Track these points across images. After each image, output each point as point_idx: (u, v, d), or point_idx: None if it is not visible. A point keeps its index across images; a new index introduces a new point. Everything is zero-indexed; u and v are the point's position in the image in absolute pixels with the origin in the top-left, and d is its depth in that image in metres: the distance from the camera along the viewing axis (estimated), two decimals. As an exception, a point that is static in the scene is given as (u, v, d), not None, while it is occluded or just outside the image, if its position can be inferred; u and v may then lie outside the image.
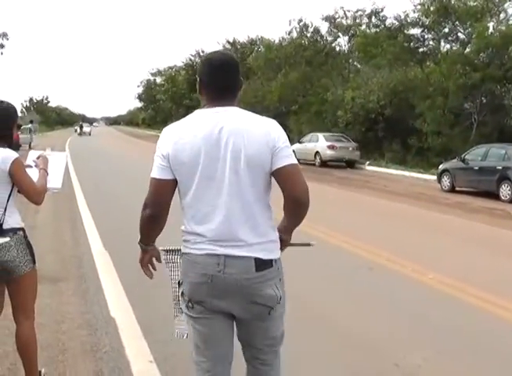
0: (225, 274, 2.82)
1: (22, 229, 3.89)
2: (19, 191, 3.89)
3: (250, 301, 2.88)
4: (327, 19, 41.32)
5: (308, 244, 3.59)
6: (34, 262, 3.94)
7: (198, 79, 3.00)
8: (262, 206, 2.92)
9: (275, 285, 2.92)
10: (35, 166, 4.06)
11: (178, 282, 3.06)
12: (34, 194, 3.86)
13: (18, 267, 3.81)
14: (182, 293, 2.99)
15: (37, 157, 4.15)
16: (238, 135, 2.82)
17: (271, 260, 2.89)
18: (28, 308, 3.99)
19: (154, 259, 3.20)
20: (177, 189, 2.95)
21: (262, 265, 2.85)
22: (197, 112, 2.96)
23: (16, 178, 3.78)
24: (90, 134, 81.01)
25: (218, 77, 2.94)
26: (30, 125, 44.77)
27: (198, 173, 2.84)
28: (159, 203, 2.94)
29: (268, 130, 2.87)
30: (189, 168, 2.85)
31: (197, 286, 2.90)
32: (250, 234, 2.85)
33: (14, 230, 3.82)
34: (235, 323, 3.03)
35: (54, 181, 4.11)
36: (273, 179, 2.91)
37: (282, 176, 2.85)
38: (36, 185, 3.89)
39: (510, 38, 26.70)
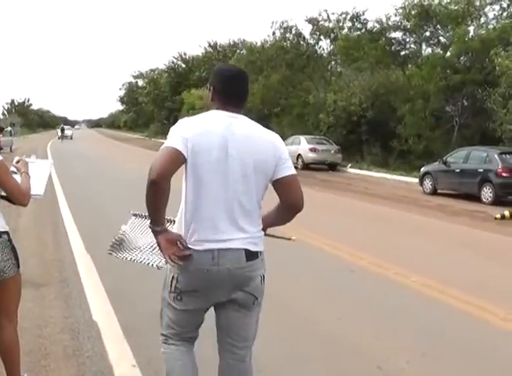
0: (220, 266, 3.06)
1: (6, 232, 3.85)
2: (1, 197, 3.85)
3: (238, 290, 3.16)
4: (311, 21, 41.38)
5: (289, 239, 3.80)
6: (18, 266, 3.91)
7: (211, 88, 3.28)
8: (257, 206, 3.20)
9: (261, 276, 3.22)
10: (16, 170, 4.00)
11: (172, 276, 3.18)
12: (19, 195, 3.81)
13: (2, 271, 3.78)
14: (176, 286, 3.18)
15: (17, 162, 4.09)
16: (249, 140, 3.11)
17: (257, 252, 3.17)
18: (11, 312, 3.96)
19: (179, 244, 3.08)
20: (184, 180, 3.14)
21: (251, 256, 3.12)
22: (213, 112, 3.21)
23: (1, 181, 3.73)
24: (72, 138, 74.15)
25: (230, 85, 3.23)
26: (9, 128, 44.47)
27: (207, 167, 3.04)
28: (166, 171, 2.95)
29: (275, 141, 3.22)
30: (201, 160, 3.03)
31: (193, 277, 3.11)
32: (243, 230, 3.11)
33: None
34: (217, 313, 3.32)
35: (36, 188, 4.06)
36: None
37: (283, 185, 3.18)
38: (21, 186, 3.85)
39: (490, 42, 26.91)
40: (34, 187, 4.00)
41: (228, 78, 3.24)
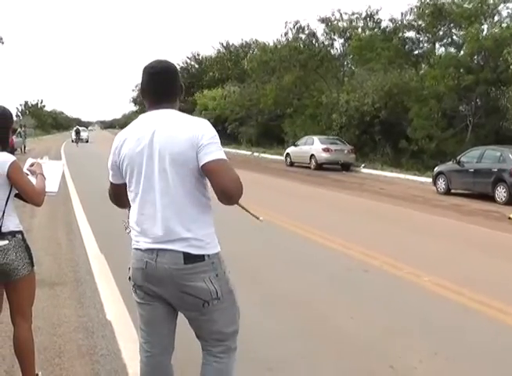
0: (158, 263, 3.05)
1: (20, 232, 3.92)
2: (16, 195, 3.91)
3: (180, 291, 3.08)
4: (324, 21, 41.33)
5: (257, 218, 3.67)
6: (32, 265, 3.97)
7: (140, 87, 3.32)
8: (194, 202, 3.07)
9: (209, 279, 3.07)
10: (31, 173, 4.08)
11: (129, 268, 3.26)
12: (33, 195, 3.89)
13: (16, 270, 3.84)
14: (130, 278, 3.25)
15: (31, 165, 4.18)
16: (165, 135, 3.03)
17: (202, 255, 3.05)
18: (26, 310, 4.01)
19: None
20: None
21: (191, 258, 3.03)
22: (140, 116, 3.24)
23: (15, 181, 3.80)
24: (88, 141, 66.69)
25: (154, 84, 3.19)
26: (19, 129, 44.63)
27: (136, 172, 3.11)
28: (117, 198, 3.40)
29: (194, 129, 3.02)
30: (130, 167, 3.13)
31: (135, 271, 3.18)
32: (179, 229, 3.04)
33: (13, 233, 3.85)
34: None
35: (51, 185, 4.16)
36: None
37: (206, 172, 3.00)
38: (35, 186, 3.92)
39: (503, 41, 26.76)
40: (48, 185, 4.09)
41: (152, 76, 3.21)
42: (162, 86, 3.17)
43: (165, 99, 3.17)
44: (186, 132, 3.00)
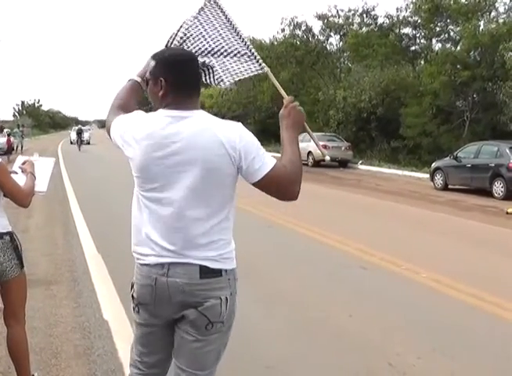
0: (169, 277, 2.70)
1: (9, 233, 3.84)
2: (5, 195, 3.84)
3: (191, 306, 2.71)
4: (320, 17, 41.33)
5: (324, 155, 3.61)
6: (22, 267, 3.91)
7: (161, 80, 2.71)
8: (212, 216, 2.73)
9: (225, 298, 2.75)
10: (22, 172, 4.03)
11: (132, 283, 2.91)
12: (18, 196, 3.79)
13: (5, 272, 3.79)
14: (132, 296, 2.91)
15: (23, 163, 4.12)
16: (192, 145, 2.62)
17: (220, 270, 2.74)
18: (18, 311, 3.98)
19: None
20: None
21: (209, 273, 2.70)
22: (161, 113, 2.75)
23: (1, 183, 3.71)
24: (89, 142, 56.65)
25: (187, 75, 2.74)
26: (16, 129, 44.62)
27: (152, 180, 2.72)
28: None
29: (228, 140, 2.63)
30: (146, 171, 2.73)
31: (142, 288, 2.81)
32: (194, 243, 2.70)
33: (1, 235, 3.78)
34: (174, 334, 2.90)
35: (40, 184, 4.10)
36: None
37: (263, 187, 2.71)
38: (21, 187, 3.82)
39: (499, 37, 26.78)
40: (37, 184, 4.04)
41: (182, 64, 2.74)
42: (193, 78, 2.77)
43: (196, 94, 2.76)
44: (220, 144, 2.61)
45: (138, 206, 2.80)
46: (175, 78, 2.70)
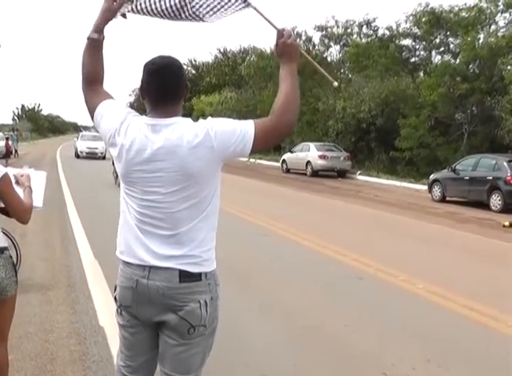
0: (150, 280, 2.73)
1: (6, 247, 3.60)
2: (1, 211, 3.59)
3: (168, 312, 2.75)
4: (319, 28, 41.46)
5: (333, 82, 3.53)
6: (17, 283, 3.62)
7: (139, 87, 2.86)
8: (192, 219, 2.75)
9: (204, 301, 2.76)
10: (18, 186, 3.72)
11: (115, 286, 2.93)
12: (21, 211, 3.53)
13: (5, 289, 3.51)
14: (115, 298, 2.91)
15: (21, 175, 3.85)
16: (169, 155, 2.67)
17: (199, 273, 2.75)
18: (6, 330, 3.70)
19: None
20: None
21: (188, 277, 2.72)
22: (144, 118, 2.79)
23: (5, 196, 3.43)
24: (105, 156, 36.92)
25: (157, 81, 2.76)
26: (11, 133, 44.40)
27: (133, 184, 2.77)
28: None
29: (198, 139, 2.69)
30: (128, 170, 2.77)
31: (124, 290, 2.83)
32: (175, 247, 2.73)
33: (1, 250, 3.53)
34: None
35: (36, 200, 3.86)
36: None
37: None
38: (24, 202, 3.57)
39: (498, 50, 26.86)
40: (33, 199, 3.80)
41: (152, 72, 2.76)
42: (165, 84, 2.74)
43: (169, 100, 2.75)
44: (188, 141, 2.67)
45: (123, 207, 2.86)
46: (147, 86, 2.80)
